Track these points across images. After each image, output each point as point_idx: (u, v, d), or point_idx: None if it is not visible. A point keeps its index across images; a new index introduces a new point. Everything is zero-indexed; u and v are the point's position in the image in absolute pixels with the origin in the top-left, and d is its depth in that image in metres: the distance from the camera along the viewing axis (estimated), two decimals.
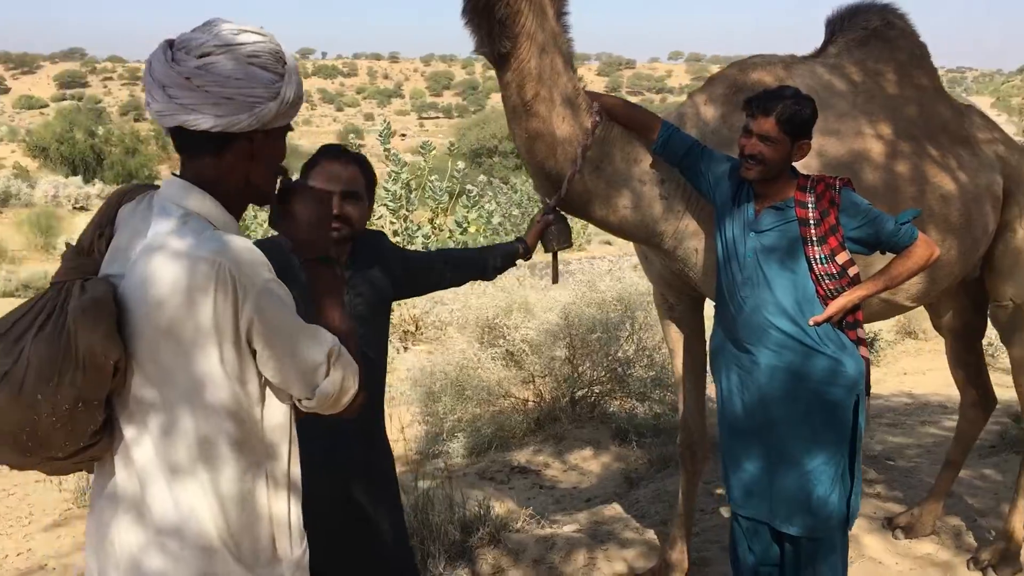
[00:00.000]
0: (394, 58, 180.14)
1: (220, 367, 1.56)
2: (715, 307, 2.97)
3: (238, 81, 1.57)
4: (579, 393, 7.00)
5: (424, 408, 6.97)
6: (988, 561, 3.81)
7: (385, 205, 11.37)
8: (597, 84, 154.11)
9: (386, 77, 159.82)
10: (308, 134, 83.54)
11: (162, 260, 1.53)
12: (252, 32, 1.62)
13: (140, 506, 1.60)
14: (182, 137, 1.62)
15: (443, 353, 7.16)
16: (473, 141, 45.42)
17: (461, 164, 13.99)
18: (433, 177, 12.56)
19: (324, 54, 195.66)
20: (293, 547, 1.73)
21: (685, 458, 3.59)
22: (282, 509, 1.71)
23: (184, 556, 1.59)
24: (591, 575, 3.79)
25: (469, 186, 13.54)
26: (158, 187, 1.70)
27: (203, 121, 1.56)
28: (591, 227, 17.71)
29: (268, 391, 1.65)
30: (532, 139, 2.86)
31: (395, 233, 11.21)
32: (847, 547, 2.91)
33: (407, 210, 11.64)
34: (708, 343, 3.06)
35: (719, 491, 4.73)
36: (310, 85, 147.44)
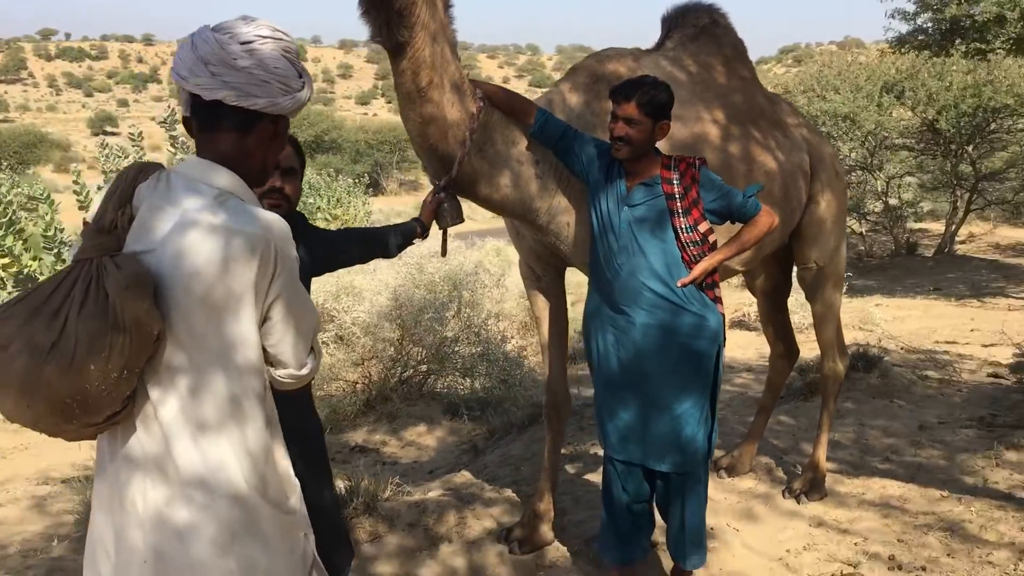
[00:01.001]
0: (148, 41, 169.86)
1: (253, 329, 1.70)
2: (590, 275, 3.30)
3: (276, 68, 1.75)
4: (407, 373, 7.21)
5: None
6: (800, 489, 4.42)
7: None
8: (367, 71, 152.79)
9: (140, 61, 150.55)
10: (55, 121, 77.09)
11: (200, 235, 1.66)
12: (284, 32, 1.79)
13: (164, 463, 1.70)
14: (211, 114, 1.76)
15: None
16: None
17: None
18: None
19: (68, 35, 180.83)
20: (300, 503, 1.89)
21: (551, 418, 3.90)
22: (286, 465, 1.87)
23: (213, 506, 1.71)
24: (464, 532, 4.03)
25: None
26: (162, 166, 1.79)
27: (242, 99, 1.72)
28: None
29: None
30: (426, 123, 3.05)
31: None
32: (708, 480, 3.34)
33: None
34: (584, 309, 3.39)
35: (566, 451, 5.12)
36: (54, 69, 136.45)
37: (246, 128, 1.78)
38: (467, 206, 3.41)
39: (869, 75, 14.41)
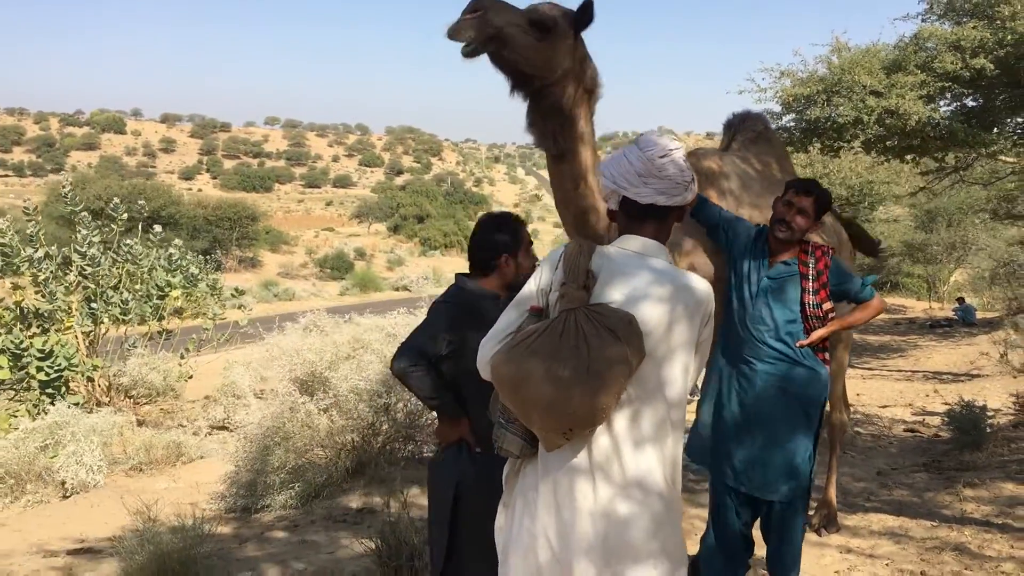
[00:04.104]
0: None
1: (682, 373, 2.22)
2: (722, 332, 3.91)
3: (684, 172, 2.31)
4: (384, 440, 7.51)
5: (241, 465, 7.03)
6: (819, 524, 5.12)
7: None
8: (191, 146, 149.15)
9: None
10: None
11: (651, 301, 2.19)
12: (678, 141, 2.34)
13: (610, 468, 2.18)
14: (641, 211, 2.31)
15: (266, 407, 7.28)
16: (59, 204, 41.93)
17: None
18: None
19: None
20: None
21: None
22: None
23: (646, 501, 2.19)
24: None
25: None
26: (595, 244, 2.32)
27: (668, 200, 2.28)
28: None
29: None
30: (584, 212, 3.62)
31: None
32: (807, 509, 3.97)
33: None
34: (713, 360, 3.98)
35: None
36: None
37: (663, 217, 2.34)
38: None
39: None
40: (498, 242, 3.33)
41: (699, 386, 4.10)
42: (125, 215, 12.69)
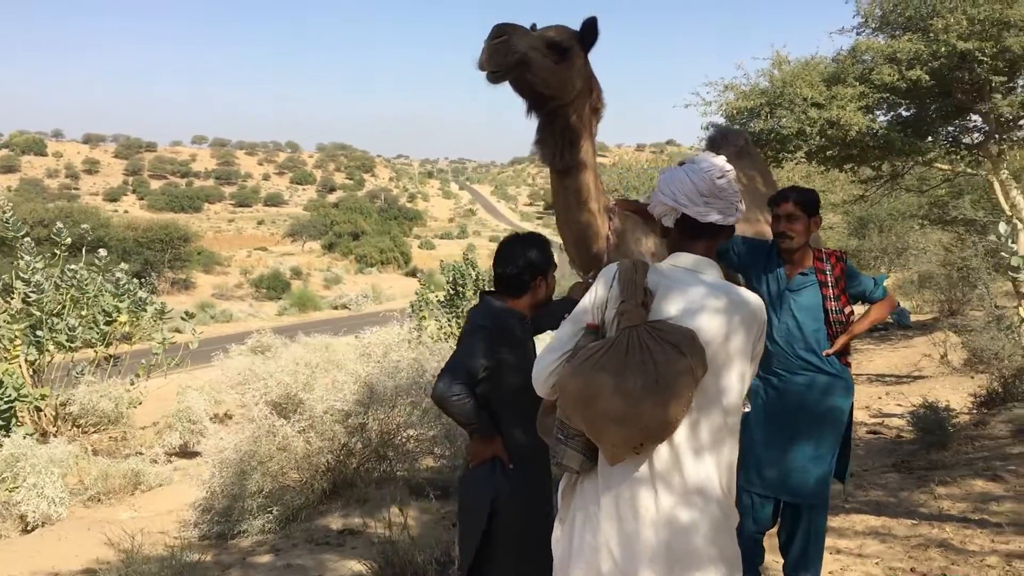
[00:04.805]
0: None
1: (739, 381, 2.28)
2: None
3: (736, 192, 2.38)
4: (357, 460, 7.47)
5: (218, 491, 6.92)
6: None
7: None
8: (116, 167, 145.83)
9: None
10: None
11: (709, 314, 2.26)
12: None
13: (671, 477, 2.23)
14: (696, 228, 2.38)
15: (240, 431, 7.17)
16: None
17: None
18: None
19: None
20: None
21: None
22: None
23: (706, 508, 2.24)
24: None
25: None
26: (647, 263, 2.37)
27: (724, 219, 2.37)
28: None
29: None
30: (585, 228, 3.69)
31: None
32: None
33: None
34: None
35: None
36: None
37: (715, 235, 2.42)
38: None
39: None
40: (534, 263, 3.37)
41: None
42: (69, 239, 12.40)
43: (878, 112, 12.65)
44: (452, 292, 26.33)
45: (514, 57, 3.11)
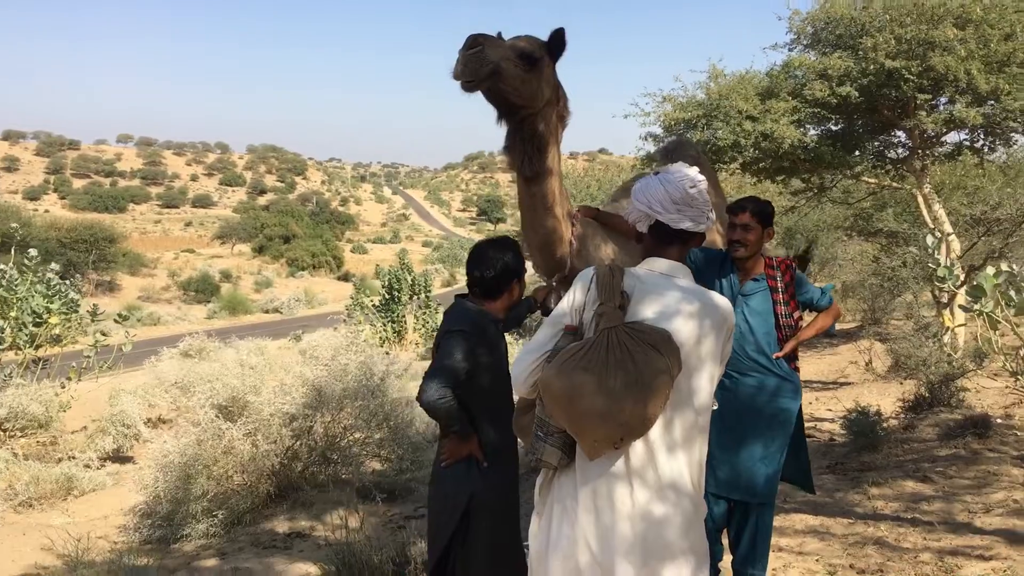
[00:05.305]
0: None
1: (709, 382, 2.40)
2: None
3: (704, 202, 2.48)
4: (302, 465, 7.45)
5: (162, 495, 6.83)
6: None
7: None
8: (37, 164, 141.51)
9: None
10: None
11: (683, 318, 2.36)
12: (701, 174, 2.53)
13: (645, 472, 2.34)
14: (668, 235, 2.50)
15: (183, 435, 7.09)
16: None
17: None
18: None
19: None
20: None
21: None
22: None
23: (679, 503, 2.36)
24: None
25: None
26: (622, 268, 2.47)
27: (695, 226, 2.48)
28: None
29: None
30: (550, 232, 3.81)
31: None
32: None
33: None
34: None
35: None
36: None
37: (686, 242, 2.55)
38: None
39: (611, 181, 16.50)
40: (510, 267, 3.46)
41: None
42: None
43: (809, 126, 13.05)
44: (387, 297, 26.33)
45: (488, 68, 3.22)
